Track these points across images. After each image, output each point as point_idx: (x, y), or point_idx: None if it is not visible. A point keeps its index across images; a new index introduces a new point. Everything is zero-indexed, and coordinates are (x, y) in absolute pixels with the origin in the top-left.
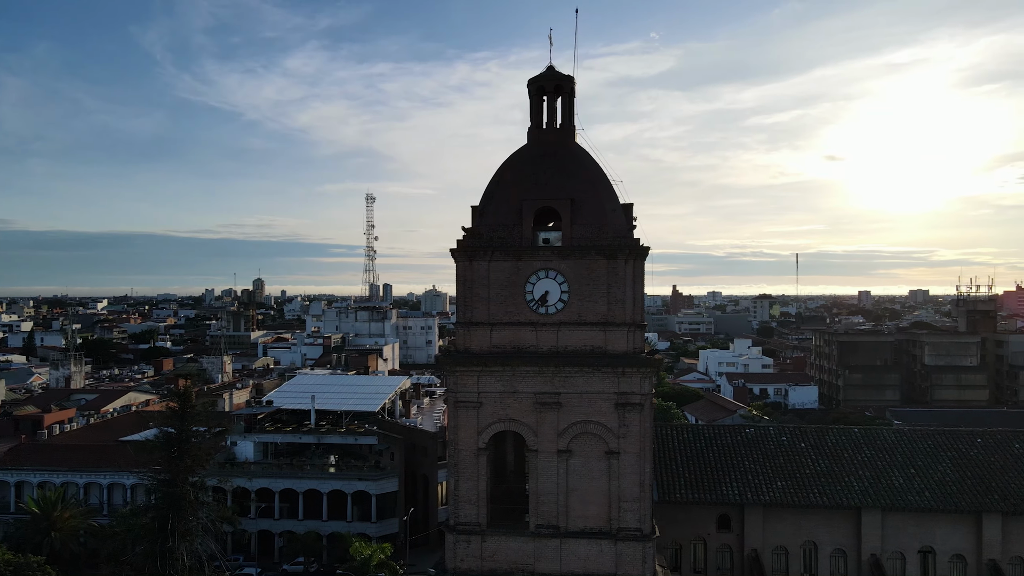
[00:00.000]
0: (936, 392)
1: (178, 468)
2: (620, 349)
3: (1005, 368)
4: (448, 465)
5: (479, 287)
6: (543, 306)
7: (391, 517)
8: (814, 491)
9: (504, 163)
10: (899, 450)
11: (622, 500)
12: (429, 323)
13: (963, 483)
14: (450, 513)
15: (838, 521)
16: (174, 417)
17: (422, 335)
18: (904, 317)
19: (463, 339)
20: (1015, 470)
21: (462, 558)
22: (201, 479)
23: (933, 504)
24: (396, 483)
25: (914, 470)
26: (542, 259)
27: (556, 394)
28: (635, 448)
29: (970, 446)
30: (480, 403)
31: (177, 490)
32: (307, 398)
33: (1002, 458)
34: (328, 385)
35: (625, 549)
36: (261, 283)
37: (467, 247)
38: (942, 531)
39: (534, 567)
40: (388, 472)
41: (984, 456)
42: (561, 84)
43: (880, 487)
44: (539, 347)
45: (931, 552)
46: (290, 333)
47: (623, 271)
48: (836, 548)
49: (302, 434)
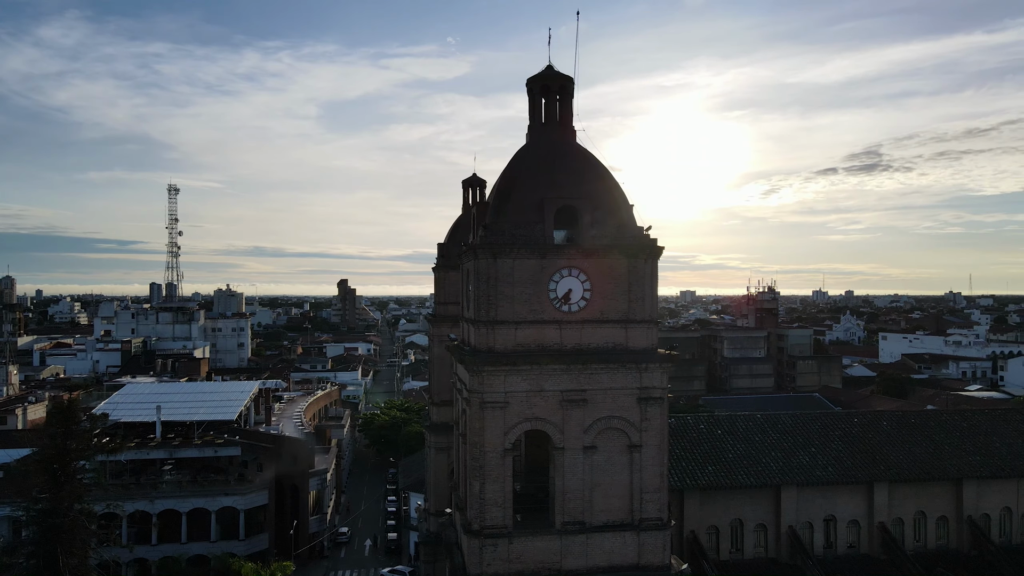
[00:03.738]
0: (733, 381)
1: (61, 495)
2: (641, 345)
3: (785, 358)
4: (471, 468)
5: (504, 285)
6: (566, 304)
7: (260, 533)
8: (741, 473)
9: (514, 162)
10: (797, 432)
11: (644, 492)
12: (241, 324)
13: (855, 458)
14: (472, 517)
15: (760, 499)
16: (56, 435)
17: (234, 337)
18: (681, 315)
19: (486, 338)
20: (891, 444)
21: (489, 562)
22: (88, 505)
23: (836, 477)
24: (266, 496)
25: (815, 449)
26: (566, 257)
27: (582, 391)
28: (656, 441)
29: (851, 425)
30: (507, 403)
31: (62, 520)
32: (147, 409)
33: (876, 434)
34: (170, 394)
35: (647, 539)
36: (11, 281)
37: (493, 244)
38: (842, 500)
39: (561, 564)
40: (257, 484)
41: (862, 433)
42: (564, 85)
43: (792, 466)
44: (563, 345)
45: (833, 520)
46: (71, 338)
47: (643, 269)
48: (759, 523)
49: (151, 449)
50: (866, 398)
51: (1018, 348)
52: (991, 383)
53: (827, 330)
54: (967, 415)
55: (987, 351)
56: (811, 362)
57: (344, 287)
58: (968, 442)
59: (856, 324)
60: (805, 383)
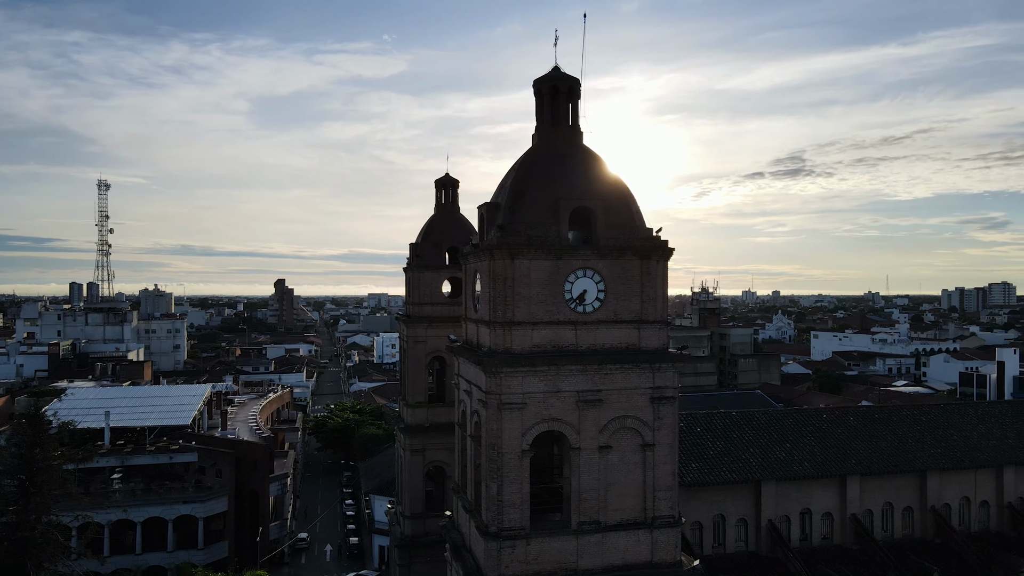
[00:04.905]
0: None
1: (29, 507)
2: (653, 345)
3: (728, 356)
4: (487, 470)
5: (520, 286)
6: (581, 305)
7: (220, 541)
8: (723, 469)
9: (524, 162)
10: (772, 429)
11: (657, 489)
12: (177, 326)
13: (827, 452)
14: (489, 519)
15: (741, 494)
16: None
17: (169, 339)
18: None
19: (502, 339)
20: (859, 439)
21: (507, 564)
22: (56, 517)
23: (812, 472)
24: (226, 502)
25: (789, 444)
26: (581, 258)
27: (597, 391)
28: (668, 439)
29: (820, 421)
30: (525, 404)
31: (31, 533)
32: (93, 415)
33: (845, 429)
34: (117, 399)
35: (660, 537)
36: None
37: (511, 245)
38: (817, 494)
39: (577, 564)
40: (216, 491)
41: (832, 429)
42: (572, 86)
43: (770, 461)
44: (578, 345)
45: (808, 512)
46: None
47: (655, 270)
48: (740, 518)
49: (100, 456)
50: (804, 395)
51: (938, 345)
52: (915, 378)
53: (760, 329)
54: (925, 410)
55: (910, 348)
56: (752, 360)
57: (281, 287)
58: (928, 436)
59: (787, 323)
60: (746, 380)
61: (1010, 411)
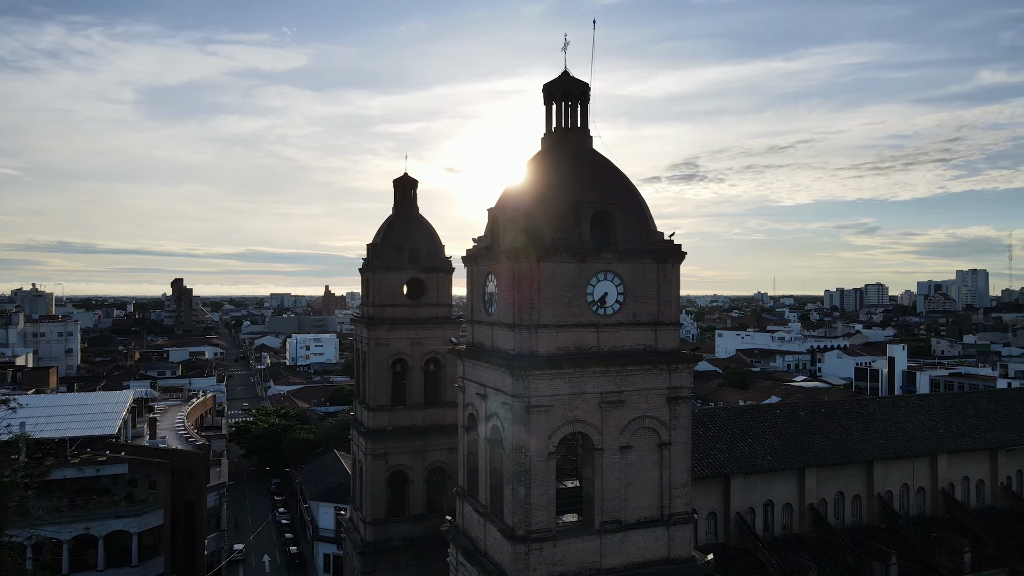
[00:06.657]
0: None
1: None
2: (669, 346)
3: None
4: (513, 473)
5: (546, 288)
6: (602, 307)
7: (155, 556)
8: (696, 465)
9: (540, 166)
10: (733, 424)
11: (673, 487)
12: (70, 328)
13: (787, 446)
14: (516, 523)
15: (712, 488)
16: None
17: (60, 343)
18: None
19: (528, 342)
20: (811, 433)
21: (535, 567)
22: (9, 537)
23: (775, 465)
24: (162, 516)
25: (751, 439)
26: (602, 261)
27: (619, 392)
28: (683, 438)
29: (775, 417)
30: (552, 406)
31: None
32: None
33: (797, 424)
34: (30, 408)
35: (676, 533)
36: None
37: (537, 248)
38: (778, 486)
39: (600, 564)
40: (151, 504)
41: (786, 423)
42: (583, 91)
43: (737, 456)
44: (600, 347)
45: (771, 504)
46: None
47: (670, 273)
48: (710, 511)
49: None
50: (716, 391)
51: (830, 343)
52: (811, 374)
53: None
54: (864, 403)
55: (806, 346)
56: None
57: (179, 287)
58: (871, 428)
59: (691, 323)
60: None
61: (936, 404)
